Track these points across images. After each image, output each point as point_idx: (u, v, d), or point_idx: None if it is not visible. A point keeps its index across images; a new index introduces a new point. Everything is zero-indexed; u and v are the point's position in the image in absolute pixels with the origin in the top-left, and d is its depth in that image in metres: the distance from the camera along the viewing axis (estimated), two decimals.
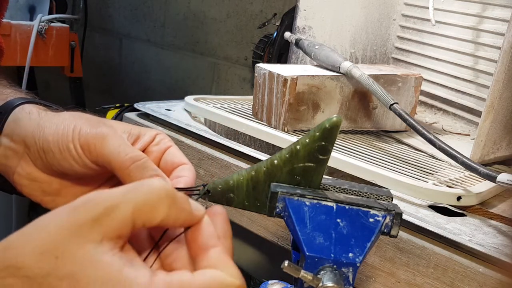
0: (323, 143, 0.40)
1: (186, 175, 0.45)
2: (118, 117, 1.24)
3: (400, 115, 0.70)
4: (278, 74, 0.75)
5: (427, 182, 0.63)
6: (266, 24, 1.27)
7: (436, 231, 0.53)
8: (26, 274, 0.30)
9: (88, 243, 0.31)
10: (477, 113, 0.88)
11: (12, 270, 0.30)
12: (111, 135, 0.44)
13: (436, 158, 0.75)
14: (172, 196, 0.34)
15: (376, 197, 0.42)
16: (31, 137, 0.46)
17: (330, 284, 0.36)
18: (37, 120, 0.47)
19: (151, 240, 0.40)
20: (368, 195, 0.42)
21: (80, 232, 0.31)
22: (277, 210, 0.41)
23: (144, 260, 0.37)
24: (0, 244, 0.31)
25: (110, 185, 0.50)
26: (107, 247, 0.31)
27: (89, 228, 0.31)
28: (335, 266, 0.37)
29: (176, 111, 0.86)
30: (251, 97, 0.86)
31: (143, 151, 0.46)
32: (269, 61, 1.17)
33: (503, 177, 0.56)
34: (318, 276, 0.36)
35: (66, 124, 0.45)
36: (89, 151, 0.44)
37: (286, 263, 0.36)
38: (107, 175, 0.49)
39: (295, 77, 0.74)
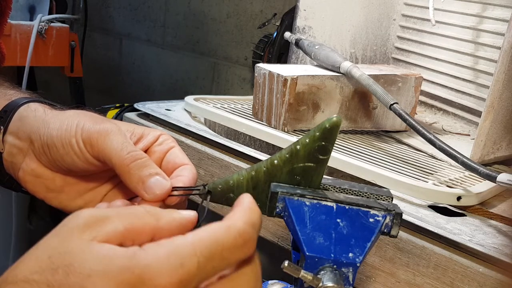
0: (323, 143, 0.40)
1: (185, 174, 0.45)
2: (118, 117, 1.24)
3: (400, 115, 0.70)
4: (278, 74, 0.75)
5: (427, 182, 0.63)
6: (266, 24, 1.27)
7: (436, 231, 0.53)
8: (23, 279, 0.30)
9: (78, 239, 0.31)
10: (477, 113, 0.88)
11: (11, 282, 0.30)
12: (115, 131, 0.45)
13: (436, 158, 0.75)
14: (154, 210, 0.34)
15: (376, 197, 0.42)
16: (36, 133, 0.47)
17: (330, 284, 0.36)
18: (42, 117, 0.48)
19: None
20: (368, 195, 0.42)
21: (70, 234, 0.31)
22: (277, 210, 0.41)
23: None
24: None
25: (112, 183, 0.50)
26: (97, 240, 0.32)
27: (79, 231, 0.31)
28: (335, 266, 0.37)
29: (176, 111, 0.86)
30: (251, 97, 0.86)
31: (145, 151, 0.47)
32: (269, 61, 1.17)
33: (503, 177, 0.56)
34: (318, 276, 0.36)
35: (70, 120, 0.46)
36: (91, 146, 0.44)
37: (286, 263, 0.36)
38: (109, 174, 0.49)
39: (295, 77, 0.74)
